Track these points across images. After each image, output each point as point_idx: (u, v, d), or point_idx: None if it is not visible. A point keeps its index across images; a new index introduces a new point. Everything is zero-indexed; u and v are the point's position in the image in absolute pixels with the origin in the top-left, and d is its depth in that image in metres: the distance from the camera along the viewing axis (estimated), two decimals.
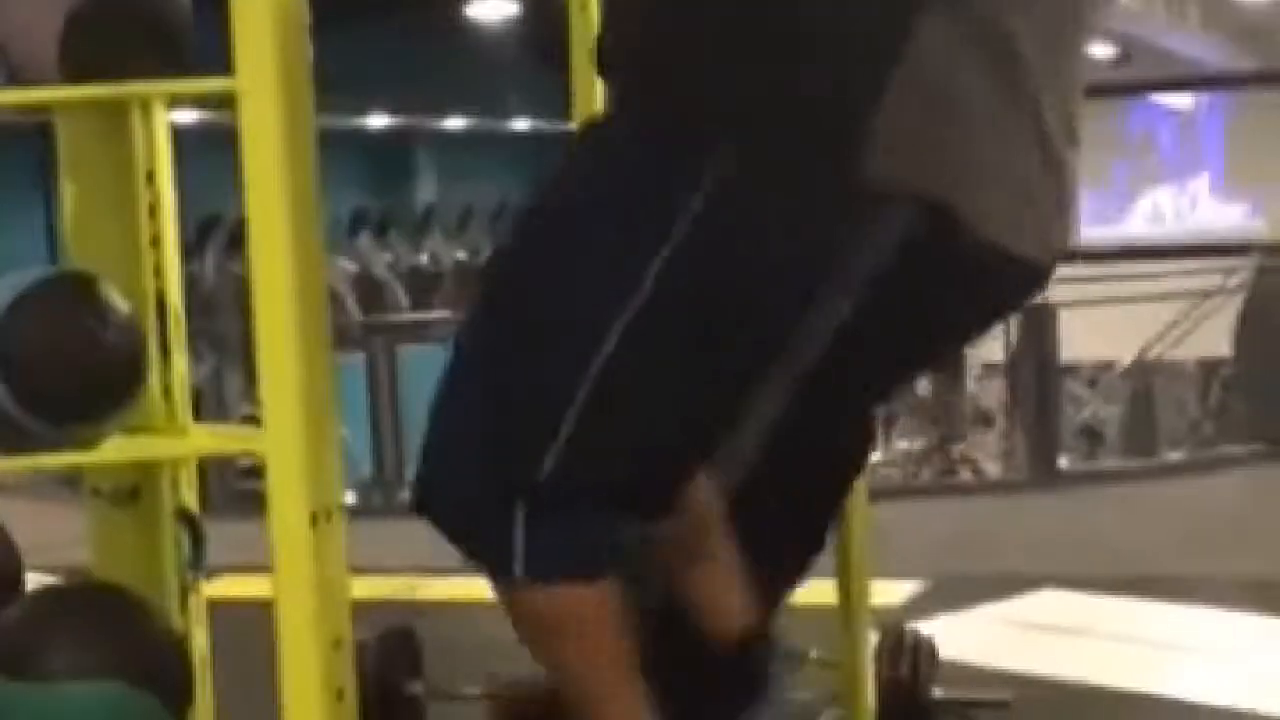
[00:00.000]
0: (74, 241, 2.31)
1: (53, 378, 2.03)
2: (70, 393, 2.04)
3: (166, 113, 2.32)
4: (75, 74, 2.07)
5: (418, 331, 14.40)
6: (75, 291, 2.08)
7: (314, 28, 2.05)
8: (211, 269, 17.36)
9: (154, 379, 2.24)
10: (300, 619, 1.99)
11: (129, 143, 2.27)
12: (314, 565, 1.99)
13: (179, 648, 2.17)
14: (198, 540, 2.36)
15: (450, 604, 7.33)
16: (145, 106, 2.25)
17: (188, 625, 2.37)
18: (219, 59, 2.07)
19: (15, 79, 2.11)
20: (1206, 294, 12.11)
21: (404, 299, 17.69)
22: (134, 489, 2.30)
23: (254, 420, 2.22)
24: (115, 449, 2.10)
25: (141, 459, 2.21)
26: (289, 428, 1.98)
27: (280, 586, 1.99)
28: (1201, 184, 20.06)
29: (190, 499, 2.39)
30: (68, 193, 2.29)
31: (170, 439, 2.23)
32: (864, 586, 4.06)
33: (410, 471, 11.69)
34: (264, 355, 1.99)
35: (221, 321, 14.21)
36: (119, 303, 2.09)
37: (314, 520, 2.00)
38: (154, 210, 2.34)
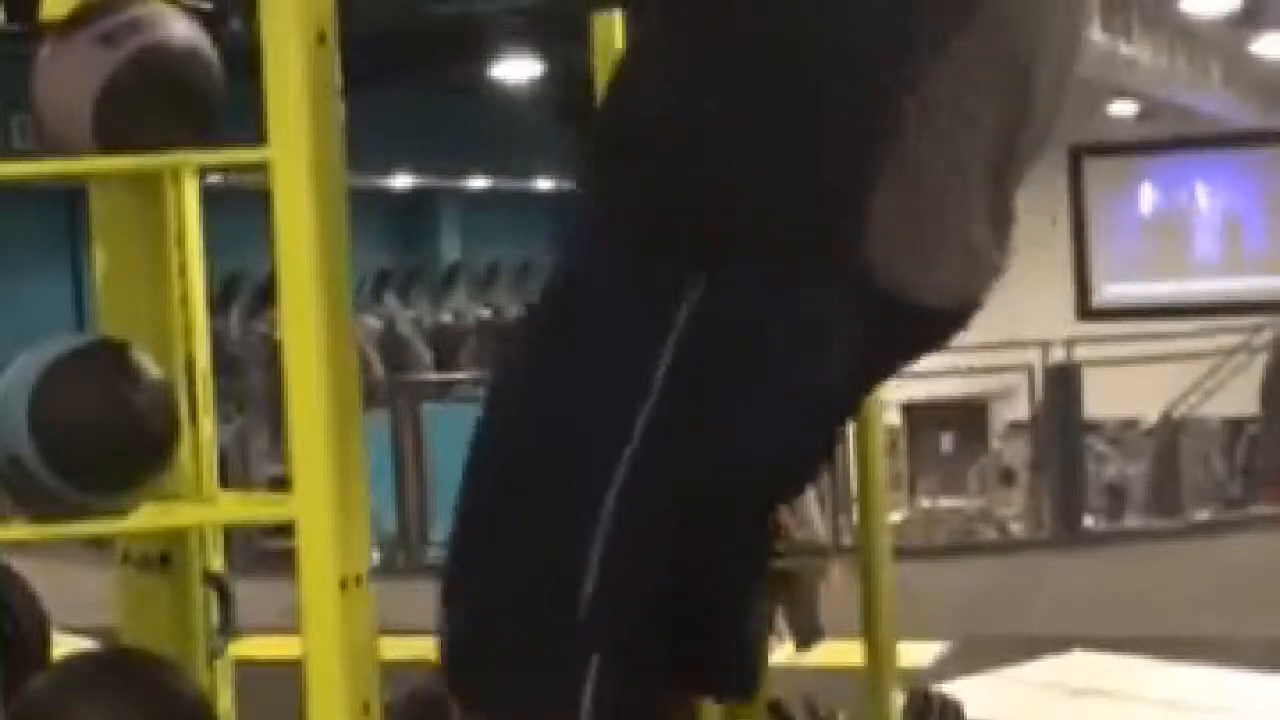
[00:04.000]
0: (105, 307, 2.33)
1: (85, 445, 2.04)
2: (102, 460, 2.05)
3: (197, 180, 2.34)
4: (109, 143, 2.09)
5: (442, 390, 14.42)
6: (108, 358, 2.10)
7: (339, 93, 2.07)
8: (236, 327, 17.43)
9: (183, 444, 2.25)
10: (329, 683, 2.00)
11: (161, 210, 2.29)
12: (343, 630, 2.00)
13: (208, 712, 2.17)
14: (226, 604, 2.36)
15: None
16: (177, 175, 2.28)
17: (214, 688, 2.38)
18: (247, 121, 2.09)
19: (50, 147, 2.13)
20: (1232, 351, 12.10)
21: (428, 357, 17.72)
22: (163, 555, 2.31)
23: (281, 481, 2.23)
24: (145, 517, 2.11)
25: (171, 527, 2.22)
26: (319, 493, 1.99)
27: (309, 651, 2.00)
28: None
29: (216, 561, 2.39)
30: (99, 258, 2.31)
31: (200, 506, 2.24)
32: (891, 648, 4.04)
33: (435, 531, 11.72)
34: (294, 421, 2.00)
35: (246, 380, 14.26)
36: (151, 369, 2.11)
37: (343, 585, 2.01)
38: (182, 270, 2.36)
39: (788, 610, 4.19)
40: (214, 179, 2.73)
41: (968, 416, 20.84)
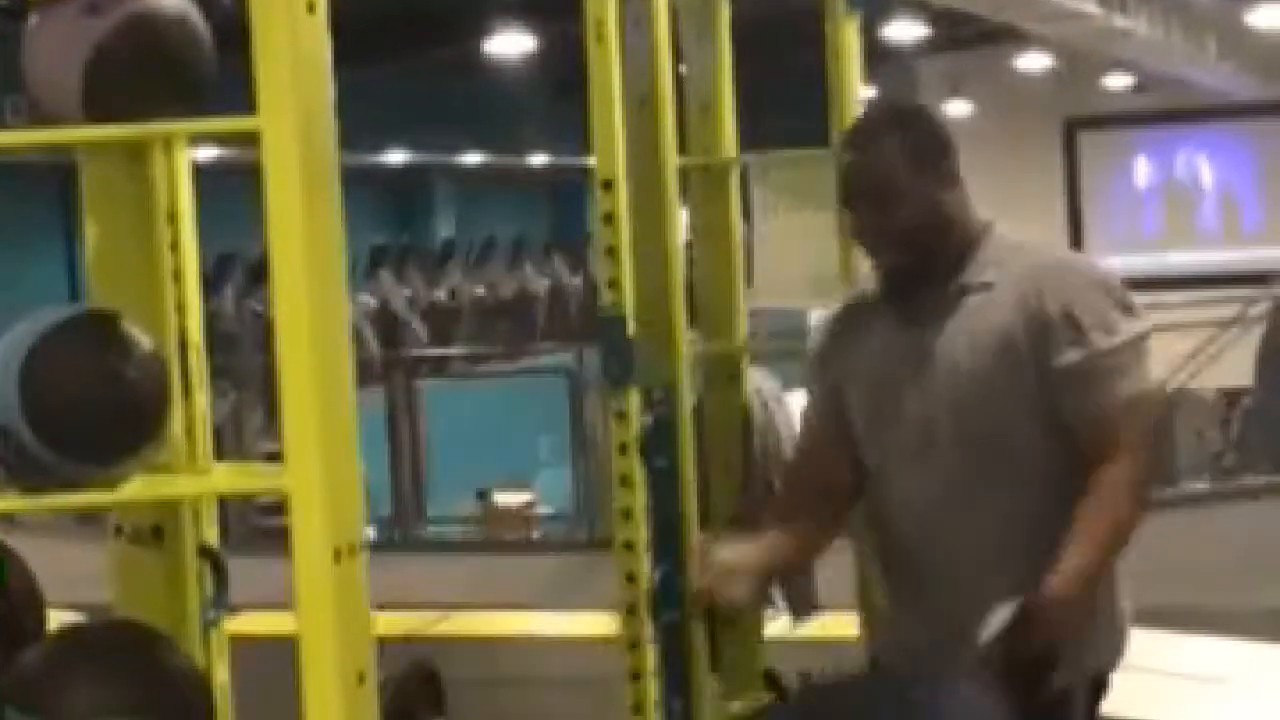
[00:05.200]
0: (96, 279, 2.32)
1: (75, 417, 2.03)
2: (92, 432, 2.04)
3: (188, 151, 2.33)
4: (98, 113, 2.08)
5: (437, 366, 14.42)
6: (98, 330, 2.09)
7: (330, 65, 2.06)
8: (231, 304, 17.41)
9: (176, 417, 2.24)
10: (324, 654, 1.99)
11: (151, 182, 2.28)
12: (337, 601, 1.99)
13: (202, 685, 2.17)
14: (220, 577, 2.35)
15: (469, 640, 7.35)
16: (168, 145, 2.26)
17: (209, 662, 2.37)
18: (236, 97, 2.08)
19: (39, 117, 2.11)
20: (1227, 323, 12.08)
21: (423, 334, 17.71)
22: (156, 527, 2.30)
23: (276, 457, 2.23)
24: (138, 488, 2.10)
25: (164, 498, 2.21)
26: (311, 465, 1.98)
27: (303, 622, 1.99)
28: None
29: (211, 536, 2.38)
30: (90, 231, 2.30)
31: (193, 477, 2.24)
32: None
33: (430, 506, 11.71)
34: (286, 393, 1.99)
35: (240, 358, 14.24)
36: (142, 341, 2.10)
37: (337, 556, 2.00)
38: (175, 246, 2.34)
39: (784, 583, 4.19)
40: (207, 157, 2.70)
41: None
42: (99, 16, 2.08)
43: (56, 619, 2.39)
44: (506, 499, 14.88)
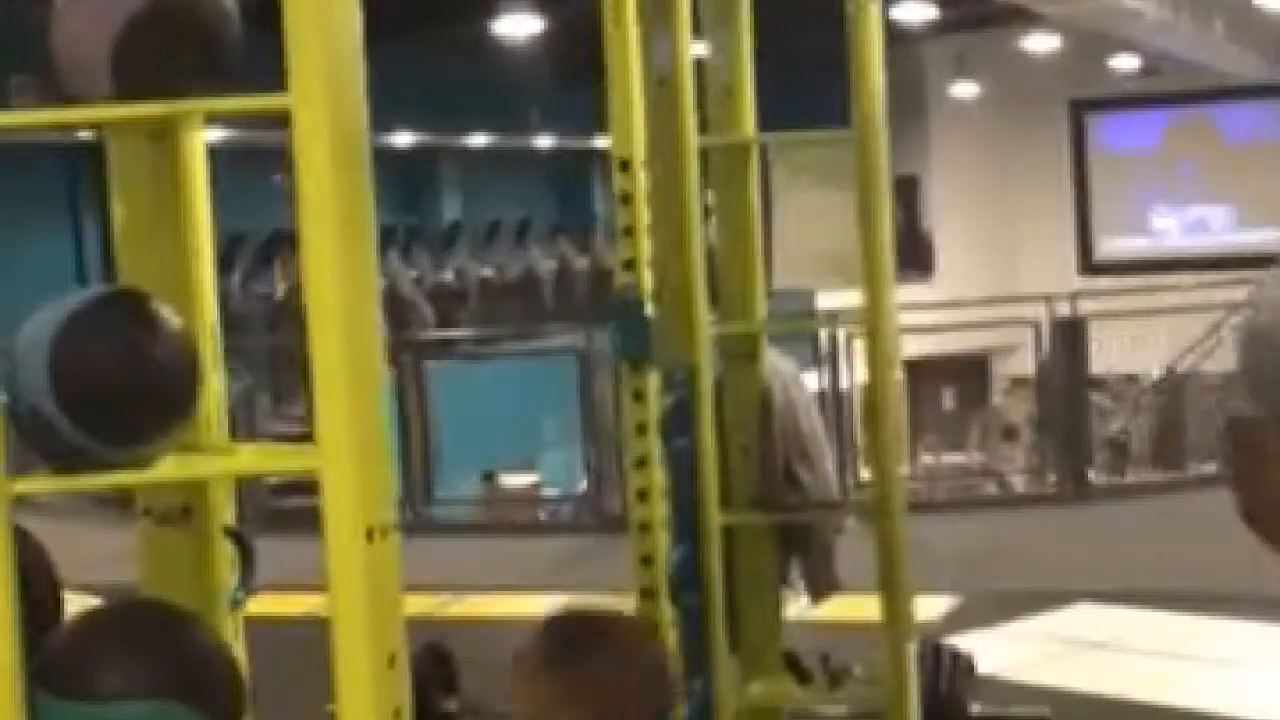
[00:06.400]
0: (124, 258, 2.30)
1: (107, 397, 2.01)
2: (123, 412, 2.03)
3: (203, 130, 2.31)
4: (127, 91, 2.06)
5: (444, 348, 14.40)
6: (129, 310, 2.07)
7: (362, 44, 2.04)
8: (238, 287, 17.40)
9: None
10: (355, 635, 1.98)
11: (178, 158, 2.27)
12: (369, 581, 1.98)
13: (232, 666, 2.15)
14: (247, 558, 2.34)
15: (481, 621, 7.34)
16: (192, 123, 2.25)
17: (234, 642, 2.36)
18: (253, 73, 2.06)
19: (65, 93, 2.10)
20: (1236, 306, 12.06)
21: (430, 316, 17.70)
22: (184, 508, 2.29)
23: (285, 438, 2.22)
24: (169, 468, 2.09)
25: (195, 478, 2.20)
26: (344, 444, 1.97)
27: (335, 603, 1.98)
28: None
29: (229, 517, 2.37)
30: (118, 209, 2.28)
31: (223, 457, 2.22)
32: (907, 602, 4.04)
33: (439, 487, 11.71)
34: (317, 372, 1.97)
35: (249, 340, 14.25)
36: (172, 320, 2.08)
37: (369, 536, 1.99)
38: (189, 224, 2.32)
39: (803, 564, 4.19)
40: (214, 137, 2.68)
41: (969, 372, 20.82)
42: None
43: (73, 601, 2.38)
44: (512, 480, 14.89)
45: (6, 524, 1.98)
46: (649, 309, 3.78)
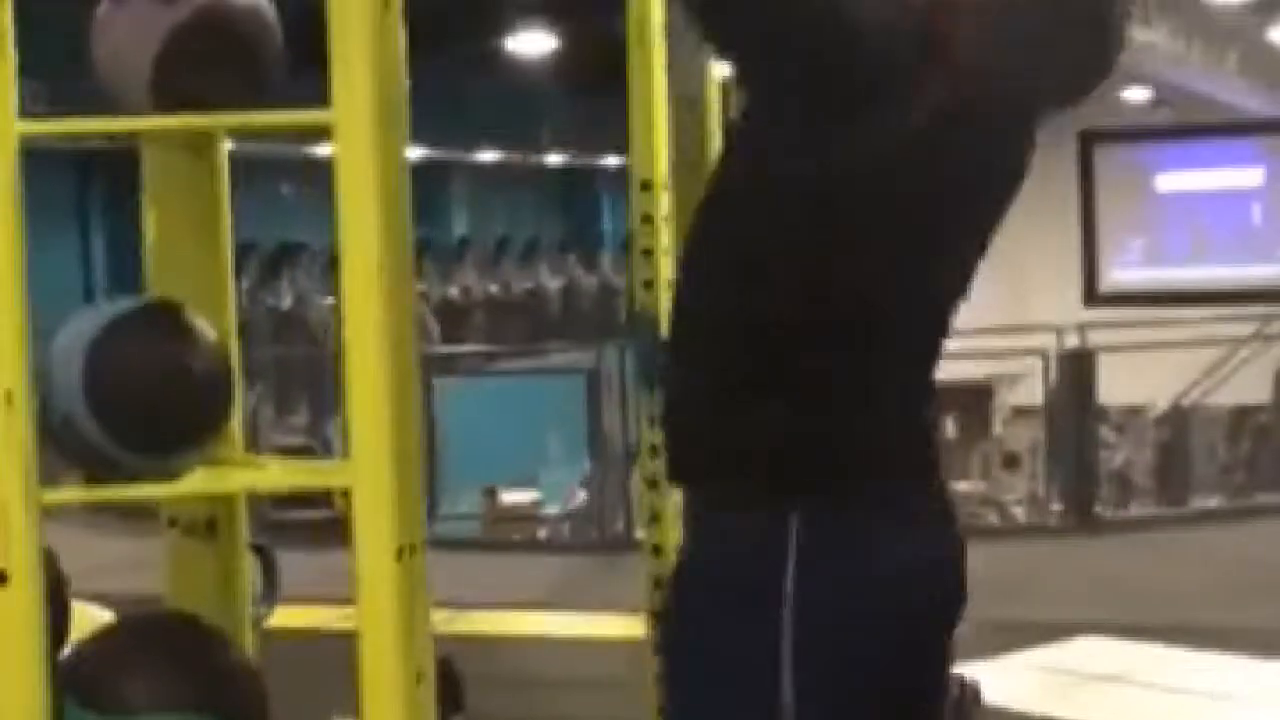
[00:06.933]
0: (155, 269, 2.30)
1: (140, 408, 2.01)
2: (156, 423, 2.02)
3: (226, 143, 2.31)
4: (169, 102, 2.06)
5: (450, 364, 14.39)
6: (163, 321, 2.07)
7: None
8: (245, 298, 17.40)
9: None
10: (385, 653, 1.98)
11: (213, 171, 2.27)
12: (399, 600, 1.98)
13: (259, 680, 2.15)
14: (270, 572, 2.34)
15: (487, 638, 7.32)
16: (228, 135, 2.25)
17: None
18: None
19: (106, 104, 2.10)
20: (1243, 340, 12.07)
21: (436, 331, 17.70)
22: (210, 520, 2.28)
23: (288, 451, 2.23)
24: (199, 481, 2.09)
25: (225, 492, 2.20)
26: (377, 461, 1.96)
27: (365, 620, 1.98)
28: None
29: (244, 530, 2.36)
30: (150, 218, 2.28)
31: (253, 471, 2.22)
32: None
33: (444, 503, 11.65)
34: (352, 387, 1.97)
35: (255, 351, 14.24)
36: (206, 331, 2.08)
37: (399, 554, 1.98)
38: None
39: None
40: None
41: (971, 401, 20.81)
42: (172, 6, 2.06)
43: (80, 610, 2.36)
44: (513, 497, 14.86)
45: (37, 533, 1.97)
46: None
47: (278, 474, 2.28)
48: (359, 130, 1.95)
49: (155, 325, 2.06)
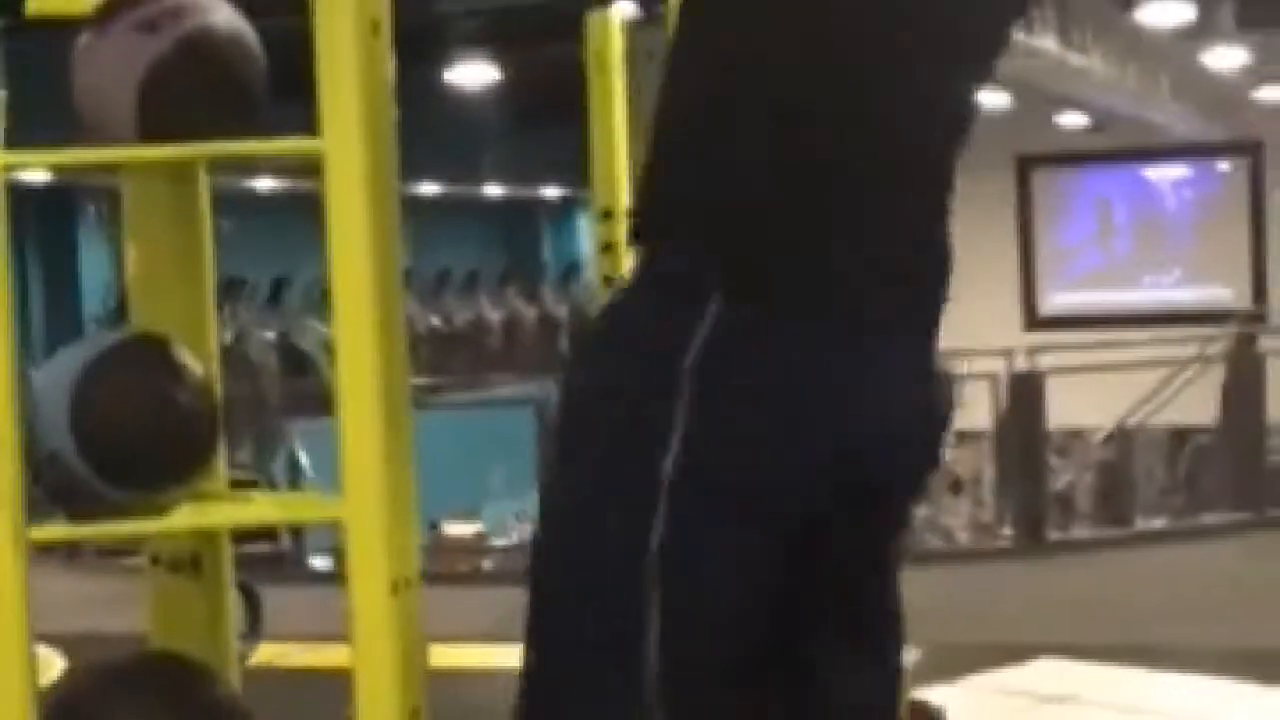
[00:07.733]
0: (137, 302, 2.26)
1: (127, 444, 1.98)
2: (143, 458, 1.99)
3: (206, 176, 2.29)
4: (153, 132, 2.03)
5: None
6: (149, 354, 2.04)
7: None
8: None
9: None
10: (379, 688, 1.95)
11: (195, 203, 2.24)
12: (394, 635, 1.95)
13: (244, 717, 2.11)
14: (254, 609, 2.31)
15: (464, 673, 7.26)
16: (212, 167, 2.22)
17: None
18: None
19: (90, 135, 2.06)
20: (1183, 363, 12.16)
21: None
22: (193, 557, 2.25)
23: (239, 485, 2.20)
24: (186, 517, 2.06)
25: (213, 527, 2.16)
26: (372, 494, 1.94)
27: (360, 656, 1.95)
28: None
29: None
30: (132, 251, 2.25)
31: (241, 506, 2.19)
32: None
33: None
34: (345, 420, 1.95)
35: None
36: (194, 366, 2.05)
37: (394, 588, 1.96)
38: None
39: None
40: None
41: None
42: (155, 35, 2.03)
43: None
44: (457, 530, 14.79)
45: (23, 572, 1.93)
46: None
47: (267, 508, 2.25)
48: (350, 159, 1.93)
49: (141, 359, 2.03)
